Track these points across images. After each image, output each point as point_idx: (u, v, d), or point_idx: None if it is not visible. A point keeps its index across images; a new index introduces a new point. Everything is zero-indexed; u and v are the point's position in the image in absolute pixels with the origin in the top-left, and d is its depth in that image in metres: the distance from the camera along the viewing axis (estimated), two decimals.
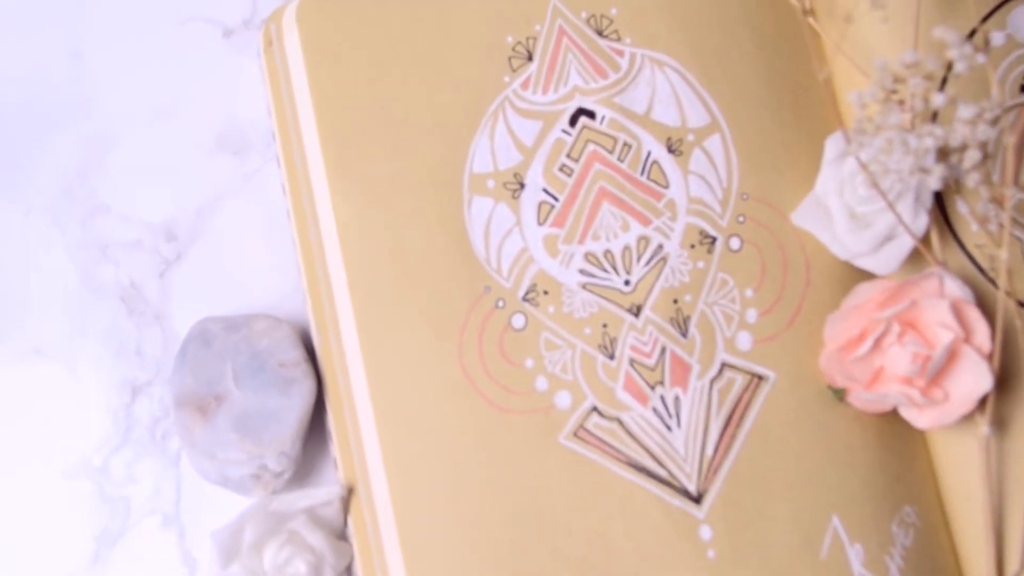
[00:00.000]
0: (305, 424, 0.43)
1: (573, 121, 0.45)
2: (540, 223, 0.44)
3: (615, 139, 0.44)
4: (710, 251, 0.43)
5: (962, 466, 0.42)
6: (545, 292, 0.43)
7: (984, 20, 0.45)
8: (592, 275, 0.43)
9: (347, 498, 0.43)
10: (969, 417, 0.41)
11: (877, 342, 0.41)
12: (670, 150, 0.44)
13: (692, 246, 0.43)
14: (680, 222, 0.44)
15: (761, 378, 0.42)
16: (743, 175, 0.44)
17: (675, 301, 0.43)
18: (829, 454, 0.41)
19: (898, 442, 0.43)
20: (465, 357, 0.42)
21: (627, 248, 0.43)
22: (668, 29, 0.45)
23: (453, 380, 0.42)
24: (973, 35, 0.44)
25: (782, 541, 0.40)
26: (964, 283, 0.42)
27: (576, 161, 0.44)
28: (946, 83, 0.44)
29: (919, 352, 0.40)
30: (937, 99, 0.39)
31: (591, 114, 0.45)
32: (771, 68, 0.45)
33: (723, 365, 0.42)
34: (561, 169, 0.44)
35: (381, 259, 0.43)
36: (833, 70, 0.46)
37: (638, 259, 0.43)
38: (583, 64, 0.45)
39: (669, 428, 0.42)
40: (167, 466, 0.45)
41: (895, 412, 0.42)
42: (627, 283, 0.43)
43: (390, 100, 0.44)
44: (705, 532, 0.41)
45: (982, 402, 0.41)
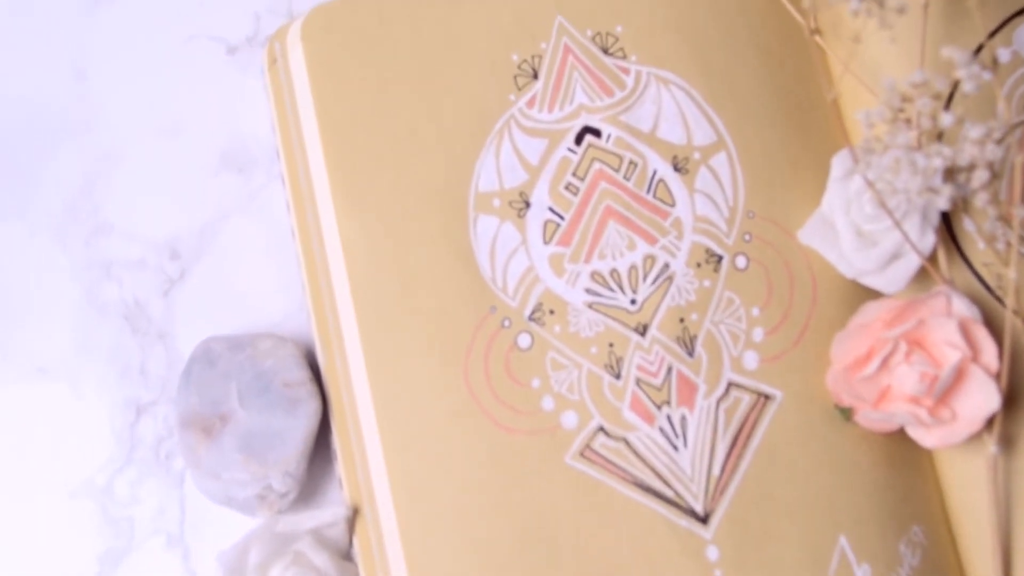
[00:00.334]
0: (310, 444, 0.43)
1: (579, 139, 0.44)
2: (546, 242, 0.43)
3: (621, 157, 0.44)
4: (716, 270, 0.43)
5: (969, 485, 0.42)
6: (551, 311, 0.43)
7: (990, 36, 0.45)
8: (598, 294, 0.43)
9: (352, 519, 0.43)
10: (976, 436, 0.41)
11: (884, 361, 0.41)
12: (676, 168, 0.44)
13: (698, 265, 0.43)
14: (686, 241, 0.43)
15: (768, 397, 0.42)
16: (749, 193, 0.44)
17: (681, 320, 0.43)
18: (836, 474, 0.41)
19: (905, 461, 0.42)
20: (471, 377, 0.42)
21: (633, 267, 0.43)
22: (674, 47, 0.45)
23: (459, 400, 0.42)
24: (980, 51, 0.44)
25: (789, 561, 0.40)
26: (971, 302, 0.41)
27: (582, 180, 0.44)
28: (952, 100, 0.44)
29: (926, 371, 0.40)
30: (945, 119, 0.39)
31: (597, 132, 0.44)
32: (777, 85, 0.45)
33: (730, 384, 0.42)
34: (567, 188, 0.44)
35: (386, 278, 0.43)
36: (839, 89, 0.46)
37: (644, 278, 0.43)
38: (589, 82, 0.45)
39: (676, 448, 0.41)
40: (171, 486, 0.45)
41: (902, 431, 0.42)
42: (633, 302, 0.43)
43: (395, 118, 0.44)
44: (712, 552, 0.40)
45: (989, 421, 0.41)
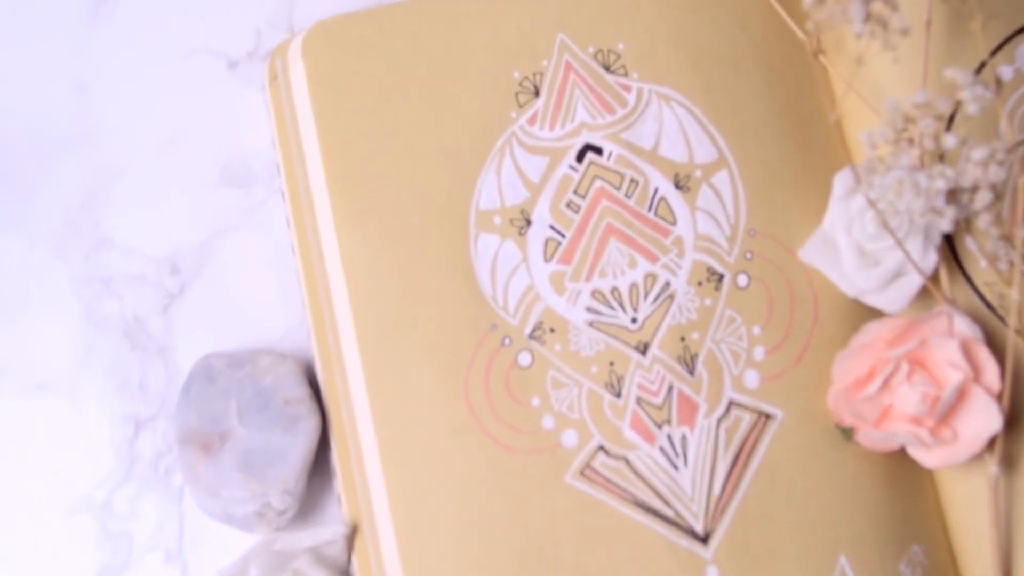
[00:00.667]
0: (309, 461, 0.43)
1: (580, 157, 0.44)
2: (547, 260, 0.43)
3: (622, 175, 0.44)
4: (717, 288, 0.43)
5: (970, 505, 0.42)
6: (552, 330, 0.43)
7: (993, 54, 0.45)
8: (599, 312, 0.43)
9: (351, 536, 0.43)
10: (978, 457, 0.41)
11: (886, 381, 0.41)
12: (677, 186, 0.44)
13: (699, 283, 0.43)
14: (687, 259, 0.43)
15: (769, 416, 0.42)
16: (751, 211, 0.44)
17: (682, 339, 0.42)
18: (837, 493, 0.41)
19: (906, 481, 0.42)
20: (471, 395, 0.42)
21: (634, 285, 0.43)
22: (676, 64, 0.45)
23: (459, 418, 0.42)
24: (982, 68, 0.44)
25: None
26: (973, 321, 0.41)
27: (583, 197, 0.44)
28: (955, 118, 0.44)
29: (928, 392, 0.40)
30: (949, 140, 0.39)
31: (598, 150, 0.44)
32: (779, 103, 0.45)
33: (730, 403, 0.42)
34: (568, 206, 0.44)
35: (386, 296, 0.43)
36: (843, 108, 0.45)
37: (645, 296, 0.43)
38: (590, 99, 0.45)
39: (676, 467, 0.41)
40: (170, 502, 0.45)
41: (903, 451, 0.42)
42: (634, 320, 0.43)
43: (396, 135, 0.44)
44: (712, 573, 0.40)
45: (991, 442, 0.41)
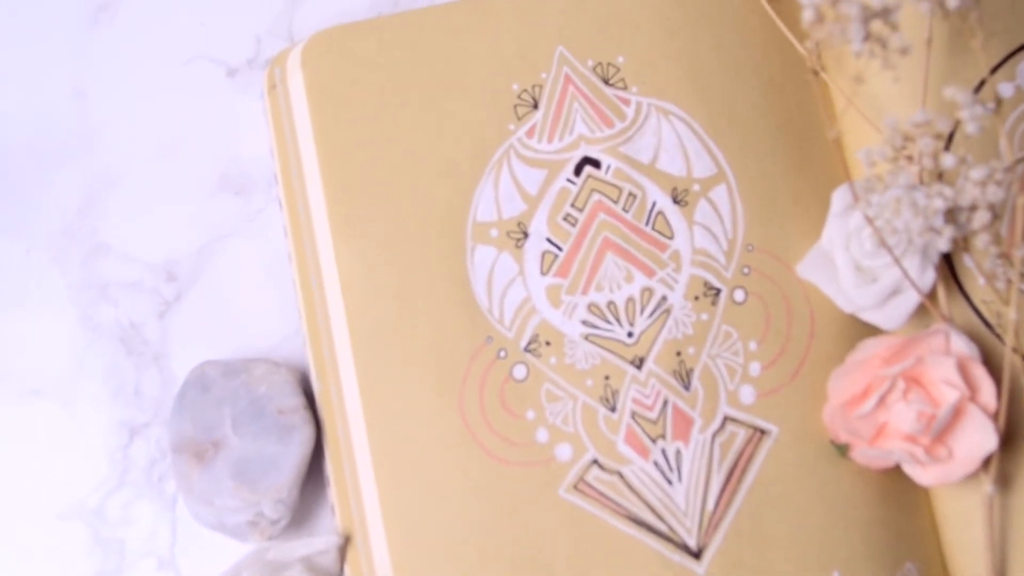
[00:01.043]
0: (303, 471, 0.43)
1: (578, 170, 0.44)
2: (543, 273, 0.43)
3: (620, 189, 0.44)
4: (714, 303, 0.43)
5: (965, 523, 0.42)
6: (547, 343, 0.43)
7: (993, 71, 0.45)
8: (595, 326, 0.43)
9: (344, 547, 0.43)
10: (973, 475, 0.41)
11: (882, 399, 0.41)
12: (675, 200, 0.44)
13: (696, 298, 0.43)
14: (684, 273, 0.43)
15: (763, 432, 0.42)
16: (748, 226, 0.44)
17: (678, 353, 0.42)
18: (831, 509, 0.41)
19: (900, 498, 0.42)
20: (466, 407, 0.42)
21: (630, 299, 0.43)
22: (675, 78, 0.45)
23: (453, 430, 0.42)
24: (982, 86, 0.44)
25: None
26: (970, 340, 0.41)
27: (581, 211, 0.44)
28: (954, 136, 0.44)
29: (924, 410, 0.40)
30: (947, 160, 0.39)
31: (596, 163, 0.44)
32: (778, 118, 0.45)
33: (725, 419, 0.42)
34: (565, 219, 0.44)
35: (382, 306, 0.43)
36: (842, 126, 0.45)
37: (641, 311, 0.43)
38: (589, 113, 0.45)
39: (670, 482, 0.41)
40: (163, 509, 0.45)
41: (898, 468, 0.42)
42: (630, 335, 0.43)
43: (394, 146, 0.44)
44: None
45: (986, 460, 0.41)
